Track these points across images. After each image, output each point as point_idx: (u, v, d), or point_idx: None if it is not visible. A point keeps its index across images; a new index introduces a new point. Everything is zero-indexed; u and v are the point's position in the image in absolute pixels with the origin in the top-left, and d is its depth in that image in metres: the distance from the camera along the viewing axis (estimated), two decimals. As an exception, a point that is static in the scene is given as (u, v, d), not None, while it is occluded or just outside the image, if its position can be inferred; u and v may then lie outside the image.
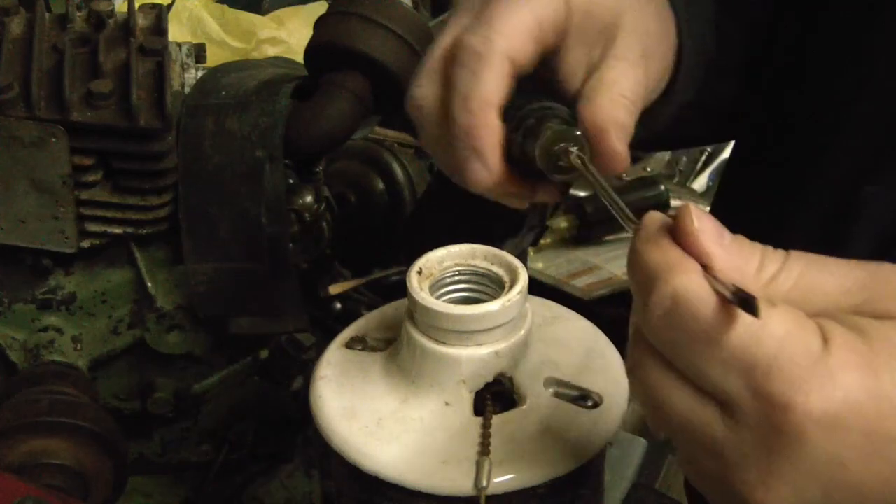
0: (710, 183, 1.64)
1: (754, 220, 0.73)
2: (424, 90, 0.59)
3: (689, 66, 0.68)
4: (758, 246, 0.46)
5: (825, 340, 0.43)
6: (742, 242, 0.46)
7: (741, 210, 0.80)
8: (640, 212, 0.54)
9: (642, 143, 0.78)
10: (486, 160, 0.56)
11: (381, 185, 1.20)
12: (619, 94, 0.58)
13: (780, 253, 0.46)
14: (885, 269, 0.46)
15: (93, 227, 0.86)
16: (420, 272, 0.60)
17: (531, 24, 0.57)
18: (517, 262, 0.60)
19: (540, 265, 1.40)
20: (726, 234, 0.45)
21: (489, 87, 0.56)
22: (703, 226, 0.45)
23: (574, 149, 0.56)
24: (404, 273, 0.60)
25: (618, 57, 0.60)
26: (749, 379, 0.42)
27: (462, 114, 0.56)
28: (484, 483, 0.54)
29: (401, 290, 0.60)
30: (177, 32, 1.48)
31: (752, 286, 0.44)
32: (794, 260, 0.46)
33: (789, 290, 0.45)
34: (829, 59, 0.72)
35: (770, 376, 0.42)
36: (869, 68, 0.69)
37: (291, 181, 0.92)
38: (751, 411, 0.43)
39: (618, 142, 0.57)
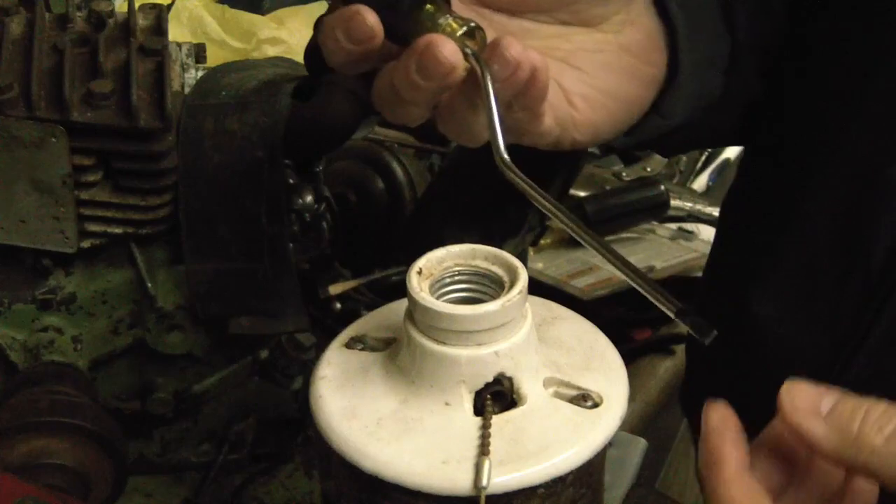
0: (711, 183, 1.64)
1: (772, 209, 0.73)
2: None
3: (692, 58, 0.67)
4: (861, 407, 0.49)
5: None
6: (842, 408, 0.49)
7: (759, 199, 0.79)
8: (641, 212, 0.54)
9: (672, 145, 0.77)
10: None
11: (381, 185, 1.20)
12: None
13: (880, 407, 0.49)
14: None
15: (93, 227, 0.86)
16: (420, 272, 0.60)
17: None
18: (517, 262, 0.60)
19: (540, 265, 1.40)
20: (826, 400, 0.49)
21: None
22: (796, 400, 0.49)
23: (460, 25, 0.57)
24: (404, 273, 0.60)
25: None
26: None
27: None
28: (484, 483, 0.54)
29: (401, 290, 0.60)
30: (177, 32, 1.49)
31: (856, 459, 0.48)
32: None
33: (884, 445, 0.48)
34: (845, 34, 0.70)
35: None
36: (887, 41, 0.68)
37: (291, 181, 0.92)
38: None
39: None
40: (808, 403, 0.49)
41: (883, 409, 0.48)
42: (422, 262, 0.60)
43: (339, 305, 1.08)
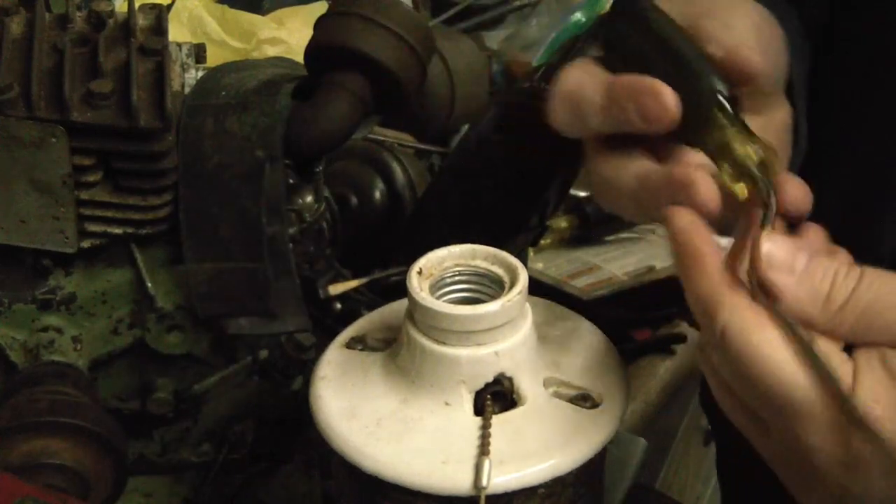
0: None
1: None
2: None
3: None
4: (831, 269, 0.48)
5: (854, 384, 0.46)
6: (815, 268, 0.48)
7: None
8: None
9: None
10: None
11: (381, 186, 1.20)
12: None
13: (853, 276, 0.48)
14: None
15: (93, 227, 0.86)
16: (420, 272, 0.60)
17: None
18: (517, 262, 0.60)
19: (540, 265, 1.40)
20: (800, 258, 0.48)
21: None
22: (774, 255, 0.48)
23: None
24: (404, 273, 0.60)
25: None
26: (779, 419, 0.47)
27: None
28: (484, 483, 0.54)
29: (401, 290, 0.60)
30: (177, 32, 1.48)
31: (819, 319, 0.47)
32: (867, 285, 0.48)
33: (855, 320, 0.47)
34: (847, 35, 0.70)
35: (794, 420, 0.46)
36: (889, 42, 0.67)
37: (291, 181, 0.92)
38: (782, 442, 0.48)
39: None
40: (785, 258, 0.48)
41: (846, 271, 0.48)
42: (422, 262, 0.60)
43: (339, 305, 1.08)
